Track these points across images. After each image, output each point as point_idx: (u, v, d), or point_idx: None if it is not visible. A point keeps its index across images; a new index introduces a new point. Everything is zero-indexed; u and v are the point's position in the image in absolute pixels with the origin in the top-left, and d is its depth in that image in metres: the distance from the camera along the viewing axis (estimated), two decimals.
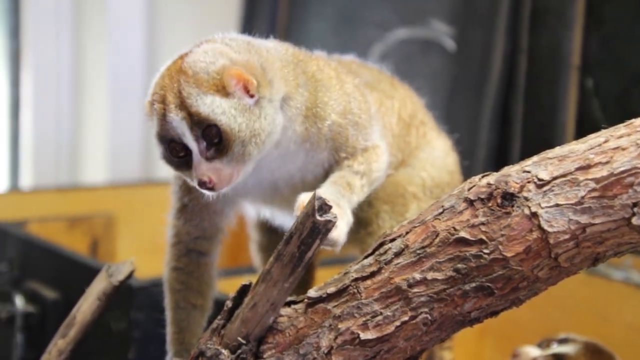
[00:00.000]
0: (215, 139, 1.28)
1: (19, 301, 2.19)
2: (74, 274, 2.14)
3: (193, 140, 1.29)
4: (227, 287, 1.95)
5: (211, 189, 1.31)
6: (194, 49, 1.35)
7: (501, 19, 2.40)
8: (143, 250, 2.05)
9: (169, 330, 1.52)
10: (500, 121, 2.48)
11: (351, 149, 1.43)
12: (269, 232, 1.72)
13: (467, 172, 1.62)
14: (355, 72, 1.59)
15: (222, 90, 1.29)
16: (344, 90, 1.44)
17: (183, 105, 1.28)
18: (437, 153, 1.63)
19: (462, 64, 2.55)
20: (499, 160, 2.46)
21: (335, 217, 1.20)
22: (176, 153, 1.33)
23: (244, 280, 1.32)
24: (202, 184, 1.31)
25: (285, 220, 1.58)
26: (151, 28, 3.75)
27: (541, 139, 2.38)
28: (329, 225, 1.20)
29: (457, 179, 1.67)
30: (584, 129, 1.86)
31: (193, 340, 1.50)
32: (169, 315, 1.52)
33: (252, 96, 1.31)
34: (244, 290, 1.30)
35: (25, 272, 2.25)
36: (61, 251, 2.21)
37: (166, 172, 1.50)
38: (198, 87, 1.29)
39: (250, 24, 3.19)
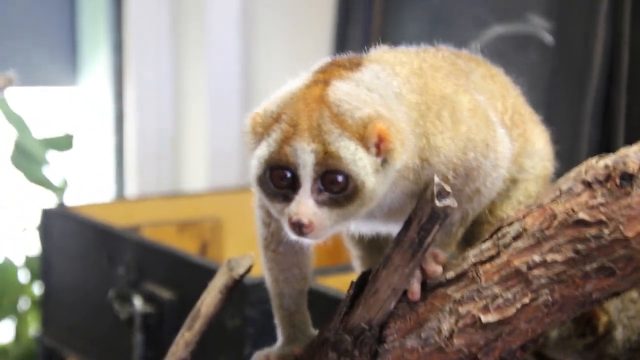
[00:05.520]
0: (336, 188, 1.19)
1: (138, 302, 2.28)
2: (188, 274, 2.22)
3: (310, 176, 1.19)
4: (328, 284, 1.99)
5: (301, 233, 1.20)
6: (333, 81, 1.24)
7: (602, 10, 2.38)
8: (251, 251, 2.12)
9: (278, 315, 1.50)
10: (602, 115, 2.46)
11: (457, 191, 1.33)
12: (369, 245, 1.67)
13: (570, 167, 1.61)
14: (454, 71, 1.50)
15: (362, 141, 1.19)
16: (461, 131, 1.32)
17: (319, 139, 1.18)
18: (536, 159, 1.57)
19: (562, 58, 2.53)
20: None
21: (454, 202, 1.23)
22: (279, 181, 1.22)
23: (345, 277, 1.32)
24: (295, 224, 1.20)
25: (390, 229, 1.49)
26: (247, 41, 3.84)
27: None
28: (447, 210, 1.23)
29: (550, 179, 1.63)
30: None
31: (305, 320, 1.49)
32: (274, 302, 1.50)
33: (379, 156, 1.21)
34: (365, 278, 1.34)
35: (142, 275, 2.34)
36: (176, 253, 2.29)
37: None
38: (342, 128, 1.19)
39: (345, 29, 3.23)
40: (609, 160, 1.21)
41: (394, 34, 3.06)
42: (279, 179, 1.21)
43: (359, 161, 1.19)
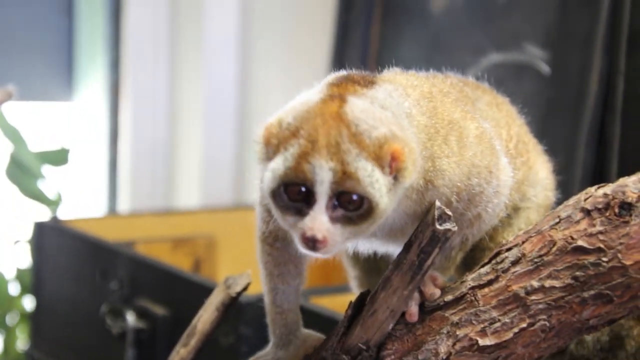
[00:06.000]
0: (351, 207, 1.19)
1: (130, 317, 2.28)
2: (181, 291, 2.22)
3: (326, 193, 1.18)
4: (322, 304, 2.00)
5: (315, 248, 1.20)
6: (348, 96, 1.25)
7: (598, 40, 2.42)
8: (244, 269, 2.14)
9: (270, 312, 1.48)
10: (597, 142, 2.48)
11: (458, 215, 1.35)
12: (367, 266, 1.68)
13: (565, 193, 1.64)
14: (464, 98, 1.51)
15: (378, 162, 1.19)
16: (466, 157, 1.34)
17: (337, 157, 1.18)
18: (539, 189, 1.59)
19: (558, 87, 2.56)
20: (596, 181, 2.44)
21: (455, 226, 1.25)
22: (293, 195, 1.21)
23: (338, 298, 1.33)
24: (309, 239, 1.19)
25: (389, 249, 1.50)
26: (244, 60, 3.87)
27: (639, 159, 2.38)
28: (448, 234, 1.25)
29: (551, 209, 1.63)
30: None
31: (297, 320, 1.48)
32: (267, 298, 1.48)
33: (391, 174, 1.21)
34: (363, 298, 1.35)
35: (135, 290, 2.34)
36: (169, 269, 2.30)
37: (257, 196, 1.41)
38: (360, 148, 1.19)
39: (342, 52, 3.26)
40: (608, 189, 1.23)
41: (391, 58, 3.07)
42: (294, 193, 1.21)
43: (375, 183, 1.19)
